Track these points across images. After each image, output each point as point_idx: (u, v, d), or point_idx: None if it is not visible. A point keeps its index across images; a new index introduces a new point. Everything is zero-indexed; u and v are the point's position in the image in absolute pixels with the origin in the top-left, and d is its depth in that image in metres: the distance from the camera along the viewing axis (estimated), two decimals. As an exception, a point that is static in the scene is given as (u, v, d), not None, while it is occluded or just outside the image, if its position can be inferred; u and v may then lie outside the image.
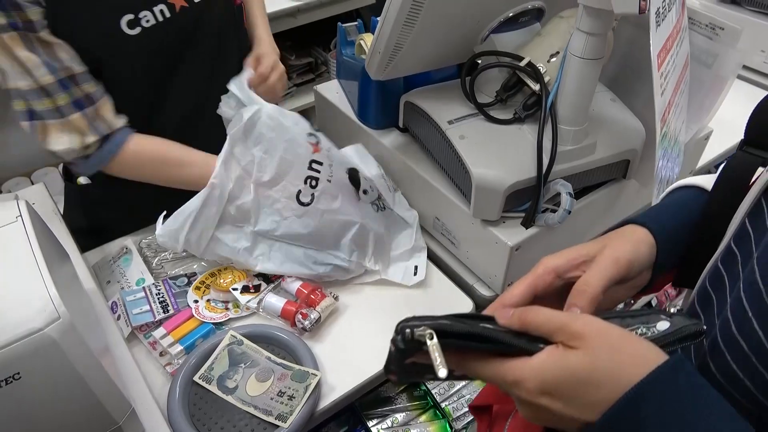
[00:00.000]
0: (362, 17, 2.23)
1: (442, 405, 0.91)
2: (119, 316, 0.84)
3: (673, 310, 0.43)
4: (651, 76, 0.69)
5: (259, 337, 0.82)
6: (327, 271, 0.89)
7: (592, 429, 0.37)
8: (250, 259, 0.87)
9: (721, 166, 0.54)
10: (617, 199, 0.95)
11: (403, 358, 0.41)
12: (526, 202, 0.83)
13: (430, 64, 0.92)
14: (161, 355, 0.81)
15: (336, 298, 0.88)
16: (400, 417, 0.91)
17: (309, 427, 0.76)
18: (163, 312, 0.84)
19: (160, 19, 0.86)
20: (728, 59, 0.89)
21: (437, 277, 0.95)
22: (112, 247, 0.98)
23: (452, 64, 0.95)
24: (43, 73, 0.79)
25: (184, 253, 0.96)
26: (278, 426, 0.71)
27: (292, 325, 0.84)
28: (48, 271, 0.54)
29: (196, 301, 0.87)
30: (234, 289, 0.87)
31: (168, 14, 0.87)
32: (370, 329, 0.86)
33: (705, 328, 0.41)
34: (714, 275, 0.48)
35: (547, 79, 0.80)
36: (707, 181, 0.56)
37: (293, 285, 0.88)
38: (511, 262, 0.84)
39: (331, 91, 1.13)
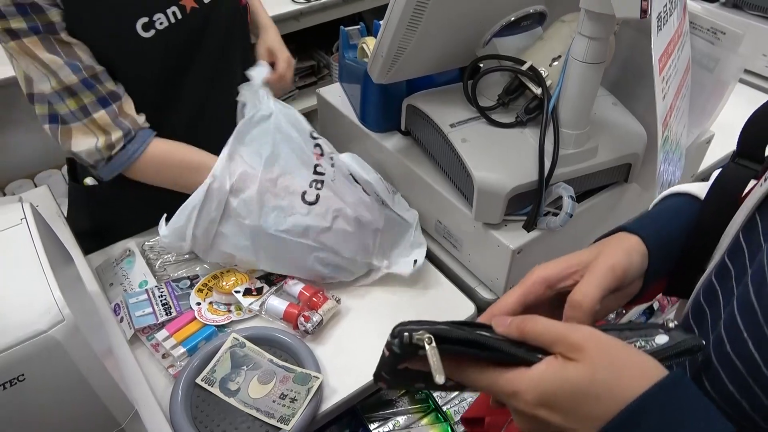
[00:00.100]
0: (365, 21, 2.23)
1: (444, 408, 0.91)
2: (122, 318, 0.84)
3: (672, 325, 0.43)
4: (652, 80, 0.69)
5: (262, 340, 0.82)
6: (331, 272, 0.89)
7: None
8: (254, 256, 0.87)
9: (713, 177, 0.53)
10: (619, 202, 0.95)
11: (397, 364, 0.40)
12: (528, 205, 0.83)
13: (432, 68, 0.93)
14: (164, 357, 0.81)
15: (338, 301, 0.88)
16: (402, 420, 0.91)
17: (311, 429, 0.76)
18: (166, 314, 0.84)
19: (172, 21, 0.87)
20: (730, 63, 0.89)
21: (439, 280, 0.95)
22: (115, 249, 0.98)
23: (454, 67, 0.96)
24: (67, 74, 0.79)
25: (187, 256, 0.96)
26: (280, 428, 0.72)
27: (295, 327, 0.84)
28: (52, 273, 0.54)
29: (199, 304, 0.87)
30: (236, 292, 0.87)
31: (180, 16, 0.88)
32: (372, 332, 0.86)
33: (704, 343, 0.41)
34: (708, 289, 0.47)
35: (548, 83, 0.81)
36: (699, 189, 0.56)
37: (295, 288, 0.88)
38: (513, 265, 0.84)
39: (334, 94, 1.14)
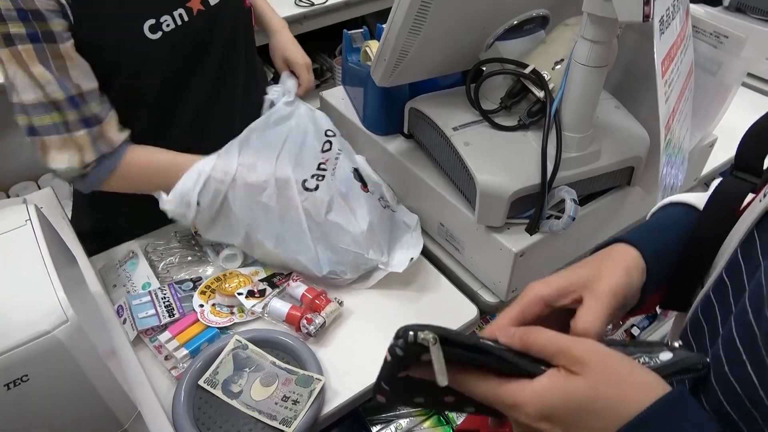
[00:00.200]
0: (368, 24, 2.24)
1: (446, 411, 0.91)
2: (125, 320, 0.84)
3: (677, 345, 0.42)
4: (655, 84, 0.69)
5: (264, 342, 0.82)
6: (329, 266, 0.90)
7: None
8: (258, 236, 0.88)
9: (711, 189, 0.53)
10: (621, 206, 0.95)
11: (398, 370, 0.40)
12: (531, 208, 0.83)
13: (435, 71, 0.93)
14: (166, 358, 0.82)
15: (341, 304, 0.89)
16: (404, 423, 0.91)
17: (313, 432, 0.76)
18: (169, 316, 0.85)
19: (179, 23, 0.88)
20: (733, 67, 0.89)
21: (441, 283, 0.95)
22: (118, 251, 0.99)
23: (457, 71, 0.96)
24: (54, 89, 0.78)
25: (190, 258, 0.96)
26: (282, 431, 0.72)
27: (297, 330, 0.84)
28: (56, 274, 0.54)
29: (202, 306, 0.87)
30: (239, 294, 0.87)
31: (186, 18, 0.88)
32: (375, 334, 0.86)
33: (708, 361, 0.41)
34: (706, 305, 0.47)
35: (551, 86, 0.81)
36: (698, 200, 0.56)
37: (298, 290, 0.88)
38: (515, 269, 0.84)
39: (337, 97, 1.14)
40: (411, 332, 0.37)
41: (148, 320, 0.84)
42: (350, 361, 0.83)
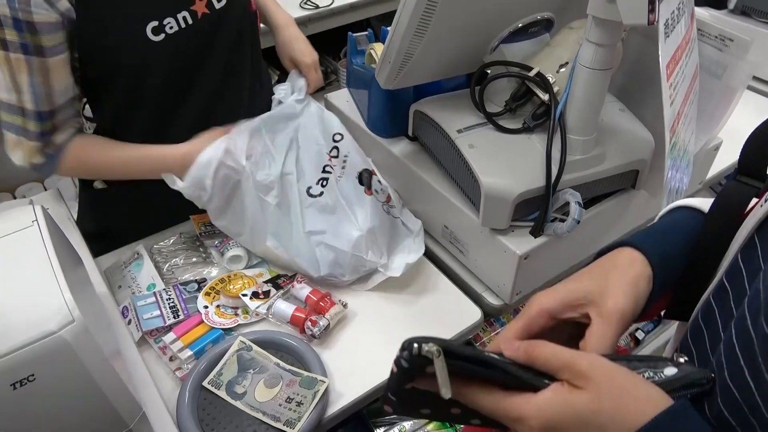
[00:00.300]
0: (372, 27, 2.24)
1: (452, 423, 0.91)
2: (130, 321, 0.84)
3: (682, 360, 0.43)
4: (660, 87, 0.69)
5: (268, 343, 0.82)
6: (329, 267, 0.90)
7: None
8: (260, 231, 0.90)
9: (715, 198, 0.52)
10: (626, 209, 0.95)
11: (404, 381, 0.40)
12: (535, 211, 0.83)
13: (439, 74, 0.93)
14: (171, 359, 0.82)
15: (345, 306, 0.89)
16: (408, 425, 0.91)
17: (317, 433, 0.76)
18: (173, 317, 0.85)
19: (182, 26, 0.88)
20: (738, 70, 0.89)
21: (445, 286, 0.95)
22: (123, 252, 0.99)
23: (462, 73, 0.96)
24: (28, 99, 0.82)
25: (195, 259, 0.97)
26: (286, 432, 0.72)
27: (302, 331, 0.84)
28: (62, 274, 0.55)
29: (206, 307, 0.88)
30: (244, 295, 0.88)
31: (190, 21, 0.89)
32: (379, 337, 0.86)
33: (713, 376, 0.41)
34: (706, 310, 0.47)
35: (556, 89, 0.81)
36: (706, 204, 0.55)
37: (303, 291, 0.88)
38: (520, 271, 0.84)
39: (341, 99, 1.14)
40: (415, 344, 0.38)
41: (153, 321, 0.84)
42: (354, 363, 0.83)
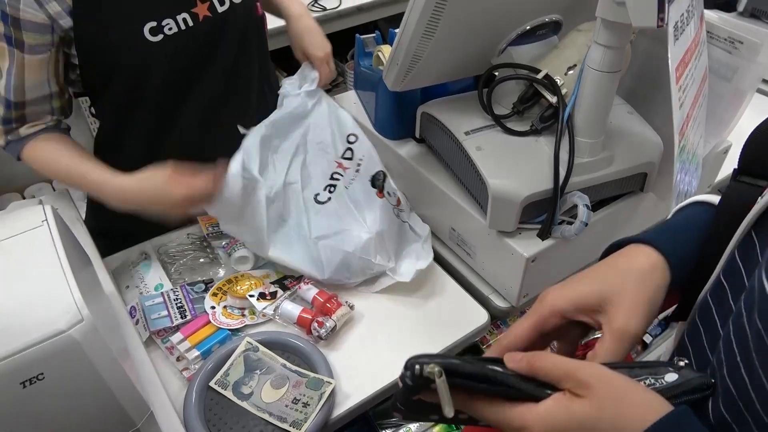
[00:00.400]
0: (380, 29, 2.24)
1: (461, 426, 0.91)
2: (138, 321, 0.85)
3: (682, 364, 0.43)
4: (669, 89, 0.69)
5: (275, 344, 0.82)
6: (335, 269, 0.90)
7: None
8: (266, 240, 0.90)
9: (719, 200, 0.52)
10: (634, 212, 0.95)
11: (410, 395, 0.41)
12: (543, 213, 0.83)
13: (447, 76, 0.93)
14: (178, 359, 0.82)
15: (351, 307, 0.89)
16: (414, 427, 0.91)
17: (323, 434, 0.76)
18: (181, 317, 0.85)
19: (182, 28, 0.89)
20: (748, 73, 0.88)
21: (452, 288, 0.95)
22: (131, 252, 0.99)
23: (469, 75, 0.96)
24: (2, 85, 0.85)
25: (202, 260, 0.97)
26: (292, 433, 0.72)
27: (308, 333, 0.84)
28: (72, 274, 0.55)
29: (213, 308, 0.88)
30: (251, 296, 0.88)
31: (191, 23, 0.89)
32: (385, 338, 0.86)
33: (713, 381, 0.41)
34: (703, 309, 0.47)
35: (564, 91, 0.81)
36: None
37: (309, 292, 0.88)
38: (527, 274, 0.84)
39: (349, 101, 1.15)
40: (417, 366, 0.39)
41: (161, 321, 0.84)
42: (360, 364, 0.83)
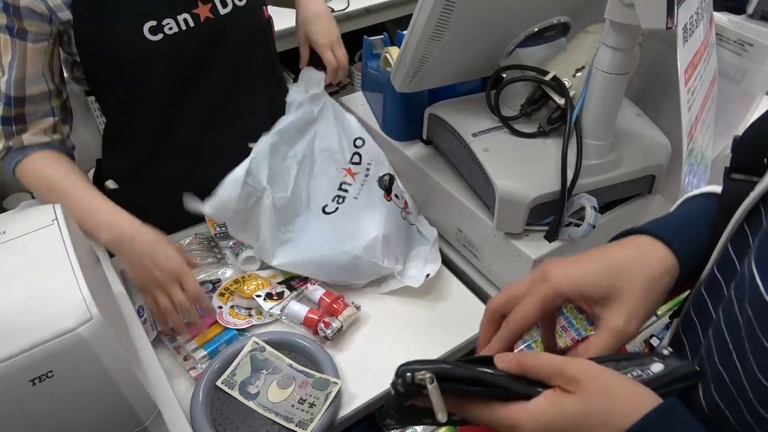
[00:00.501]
0: (388, 31, 2.24)
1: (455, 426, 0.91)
2: (145, 320, 0.85)
3: (666, 352, 0.43)
4: (677, 92, 0.69)
5: (282, 344, 0.83)
6: (342, 271, 0.90)
7: None
8: (271, 244, 0.91)
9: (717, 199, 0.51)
10: (642, 214, 0.94)
11: (403, 402, 0.41)
12: (550, 215, 0.83)
13: (455, 78, 0.93)
14: (185, 359, 0.83)
15: (358, 308, 0.89)
16: (420, 429, 0.91)
17: (329, 435, 0.76)
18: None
19: (183, 28, 0.89)
20: (757, 75, 0.88)
21: (458, 289, 0.95)
22: (139, 252, 1.00)
23: (477, 77, 0.96)
24: (3, 81, 0.83)
25: (210, 260, 0.97)
26: (299, 433, 0.72)
27: (314, 333, 0.84)
28: (81, 272, 0.55)
29: (220, 307, 0.88)
30: (258, 296, 0.88)
31: (192, 24, 0.89)
32: (391, 339, 0.86)
33: (698, 370, 0.42)
34: (698, 302, 0.47)
35: (572, 93, 0.81)
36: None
37: (316, 293, 0.89)
38: (534, 276, 0.83)
39: (356, 102, 1.15)
40: (408, 374, 0.39)
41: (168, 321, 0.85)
42: (366, 365, 0.83)
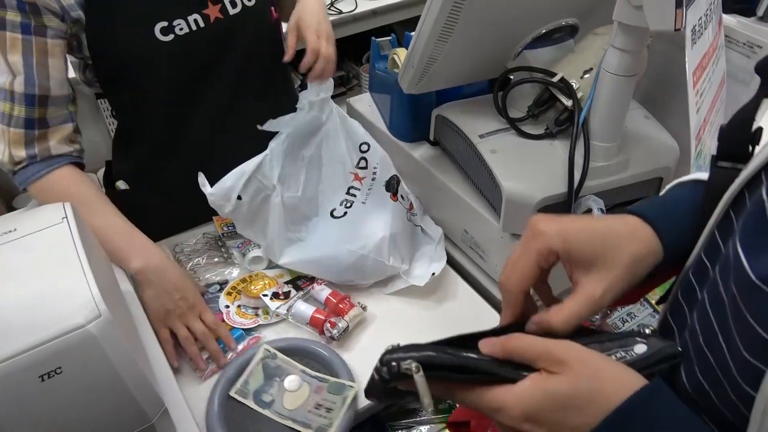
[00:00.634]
0: (395, 32, 2.25)
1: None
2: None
3: (648, 331, 0.43)
4: (686, 94, 0.69)
5: (292, 351, 0.82)
6: (353, 275, 0.91)
7: None
8: (278, 244, 0.91)
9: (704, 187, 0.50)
10: (649, 216, 0.94)
11: (386, 386, 0.42)
12: (557, 217, 0.82)
13: (462, 79, 0.93)
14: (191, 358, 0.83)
15: (364, 308, 0.89)
16: (425, 429, 0.91)
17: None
18: (195, 316, 0.86)
19: (193, 29, 0.89)
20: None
21: (464, 290, 0.95)
22: (147, 251, 1.00)
23: (485, 79, 0.96)
24: (20, 82, 0.81)
25: (217, 259, 0.98)
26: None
27: (321, 333, 0.85)
28: (90, 270, 0.56)
29: (227, 307, 0.89)
30: (264, 296, 0.88)
31: (202, 24, 0.90)
32: (397, 339, 0.86)
33: (680, 350, 0.42)
34: (686, 287, 0.47)
35: (579, 95, 0.81)
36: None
37: (322, 293, 0.89)
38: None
39: (364, 104, 1.15)
40: (394, 363, 0.39)
41: (175, 319, 0.85)
42: (372, 365, 0.82)
